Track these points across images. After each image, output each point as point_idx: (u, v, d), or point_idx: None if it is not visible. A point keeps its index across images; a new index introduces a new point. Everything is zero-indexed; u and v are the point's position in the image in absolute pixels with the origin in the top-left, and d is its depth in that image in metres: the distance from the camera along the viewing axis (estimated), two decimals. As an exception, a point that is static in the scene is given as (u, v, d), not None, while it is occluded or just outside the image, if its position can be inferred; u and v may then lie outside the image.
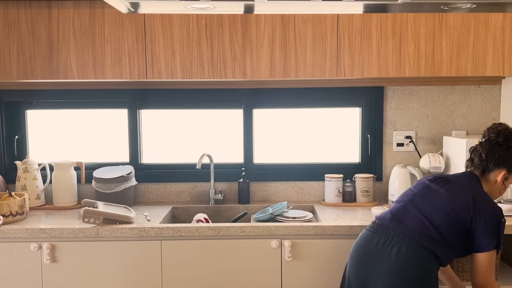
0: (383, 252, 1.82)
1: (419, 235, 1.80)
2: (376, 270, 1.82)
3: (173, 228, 2.22)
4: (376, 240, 1.86)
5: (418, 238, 1.80)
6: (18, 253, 2.23)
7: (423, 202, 1.86)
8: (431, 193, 1.87)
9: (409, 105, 2.77)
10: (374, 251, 1.84)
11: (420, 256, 1.79)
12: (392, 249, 1.80)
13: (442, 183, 1.89)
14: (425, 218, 1.82)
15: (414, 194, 1.92)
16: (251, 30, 2.39)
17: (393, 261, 1.79)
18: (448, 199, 1.83)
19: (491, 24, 2.38)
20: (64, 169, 2.66)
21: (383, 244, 1.83)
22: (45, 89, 2.77)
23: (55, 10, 2.40)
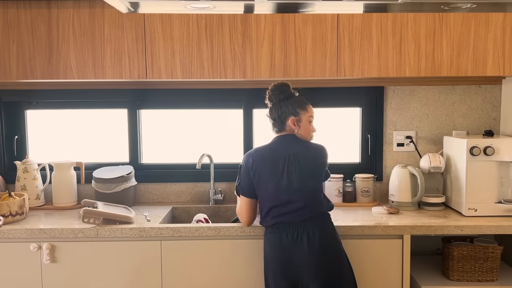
0: (298, 248, 2.02)
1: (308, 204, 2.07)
2: (309, 266, 2.01)
3: (173, 228, 2.21)
4: (287, 241, 2.04)
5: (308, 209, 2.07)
6: (17, 253, 2.23)
7: (300, 189, 2.09)
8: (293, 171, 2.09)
9: (410, 105, 2.76)
10: (295, 252, 2.03)
11: (318, 217, 2.09)
12: (301, 242, 2.02)
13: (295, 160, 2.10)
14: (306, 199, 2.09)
15: (286, 184, 2.09)
16: (251, 30, 2.38)
17: (312, 249, 2.00)
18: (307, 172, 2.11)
19: (492, 24, 2.37)
20: (64, 169, 2.66)
21: (296, 240, 2.03)
22: (45, 89, 2.77)
23: (55, 10, 2.39)
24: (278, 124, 2.16)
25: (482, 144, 2.35)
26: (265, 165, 2.09)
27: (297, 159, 2.07)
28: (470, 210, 2.37)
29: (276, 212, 2.04)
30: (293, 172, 2.05)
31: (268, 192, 2.07)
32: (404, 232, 2.22)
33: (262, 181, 2.08)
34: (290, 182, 2.04)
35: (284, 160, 2.07)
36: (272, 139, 2.18)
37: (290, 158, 2.07)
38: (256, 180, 2.09)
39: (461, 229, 2.24)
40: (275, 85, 2.20)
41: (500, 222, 2.26)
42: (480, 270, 2.31)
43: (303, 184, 2.05)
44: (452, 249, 2.32)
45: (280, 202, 2.04)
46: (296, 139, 2.15)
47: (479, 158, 2.35)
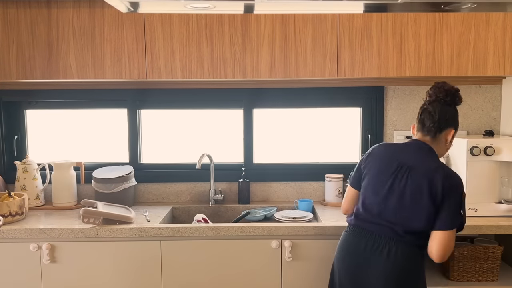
0: (374, 256, 1.82)
1: (402, 234, 1.81)
2: (370, 275, 1.83)
3: (173, 228, 2.21)
4: (363, 244, 1.86)
5: (401, 238, 1.81)
6: (17, 254, 2.23)
7: (396, 200, 1.83)
8: (400, 187, 1.83)
9: (410, 105, 2.76)
10: (365, 256, 1.85)
11: (409, 253, 1.80)
12: (381, 252, 1.81)
13: (406, 173, 1.84)
14: (402, 217, 1.82)
15: (385, 191, 1.86)
16: (251, 29, 2.38)
17: (384, 264, 1.80)
18: (415, 189, 1.80)
19: (492, 23, 2.37)
20: (64, 169, 2.65)
21: (372, 247, 1.83)
22: (45, 89, 2.77)
23: (55, 9, 2.39)
24: (434, 129, 1.89)
25: (483, 144, 2.34)
26: (376, 163, 1.92)
27: (411, 173, 1.82)
28: (470, 210, 2.36)
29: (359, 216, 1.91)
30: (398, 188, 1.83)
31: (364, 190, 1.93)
32: (404, 232, 2.21)
33: (367, 178, 1.93)
34: (390, 198, 1.84)
35: (396, 168, 1.85)
36: (409, 140, 1.96)
37: (403, 169, 1.84)
38: (363, 173, 1.97)
39: (462, 229, 2.23)
40: (448, 84, 1.92)
41: (501, 222, 2.26)
42: (481, 270, 2.30)
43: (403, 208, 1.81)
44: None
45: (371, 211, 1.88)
46: (432, 153, 1.88)
47: (479, 158, 2.34)
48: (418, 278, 1.84)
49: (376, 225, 1.85)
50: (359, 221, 1.91)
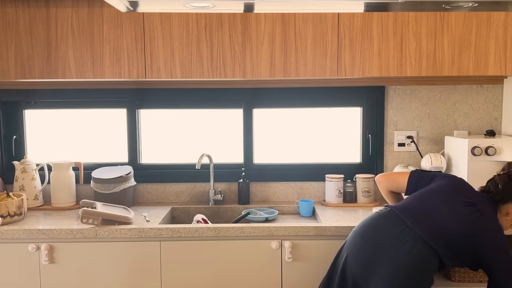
0: (396, 244, 1.80)
1: (436, 241, 1.79)
2: (382, 258, 1.81)
3: (172, 229, 2.20)
4: (389, 228, 1.84)
5: (433, 243, 1.79)
6: (16, 254, 2.22)
7: (449, 215, 1.82)
8: (460, 213, 1.82)
9: (411, 104, 2.75)
10: (386, 240, 1.82)
11: (429, 260, 1.78)
12: (405, 244, 1.79)
13: (475, 211, 1.82)
14: (447, 230, 1.80)
15: (442, 201, 1.86)
16: (251, 29, 2.37)
17: (403, 256, 1.78)
18: (475, 231, 1.79)
19: (493, 23, 2.36)
20: (63, 169, 2.64)
21: (398, 236, 1.81)
22: (43, 89, 2.75)
23: (53, 9, 2.38)
24: (496, 197, 1.88)
25: (484, 144, 2.33)
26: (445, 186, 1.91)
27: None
28: (471, 210, 2.35)
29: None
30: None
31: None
32: (405, 232, 2.20)
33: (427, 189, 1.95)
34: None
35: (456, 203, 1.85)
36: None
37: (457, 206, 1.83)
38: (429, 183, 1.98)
39: (463, 230, 2.22)
40: None
41: (502, 222, 2.25)
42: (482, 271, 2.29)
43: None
44: (453, 249, 2.30)
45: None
46: (492, 214, 1.85)
47: (480, 158, 2.33)
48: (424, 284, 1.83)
49: (412, 223, 1.83)
50: (398, 210, 1.89)
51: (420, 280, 1.80)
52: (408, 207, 1.89)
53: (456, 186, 1.92)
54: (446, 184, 1.92)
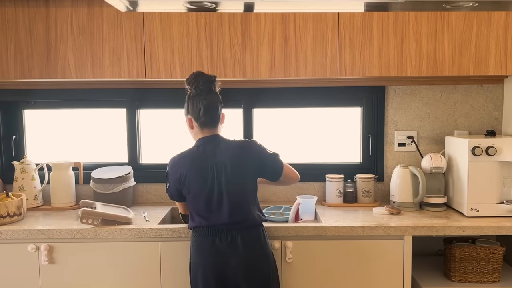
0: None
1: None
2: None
3: (172, 229, 2.20)
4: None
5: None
6: (15, 255, 2.21)
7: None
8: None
9: (411, 104, 2.74)
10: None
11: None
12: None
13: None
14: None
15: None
16: (251, 29, 2.36)
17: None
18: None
19: (494, 22, 2.35)
20: (62, 170, 2.64)
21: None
22: (43, 89, 2.75)
23: (53, 8, 2.37)
24: (214, 120, 2.11)
25: (484, 144, 2.33)
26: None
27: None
28: (472, 210, 2.35)
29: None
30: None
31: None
32: (406, 233, 2.20)
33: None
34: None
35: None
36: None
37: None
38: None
39: (463, 230, 2.22)
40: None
41: (502, 222, 2.24)
42: (482, 271, 2.29)
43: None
44: (453, 250, 2.30)
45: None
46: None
47: (481, 158, 2.33)
48: None
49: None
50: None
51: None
52: None
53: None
54: None
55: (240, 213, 2.00)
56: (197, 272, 2.00)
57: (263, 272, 2.01)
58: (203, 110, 2.05)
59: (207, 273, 1.97)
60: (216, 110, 2.07)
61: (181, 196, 2.09)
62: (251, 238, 2.00)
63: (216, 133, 2.11)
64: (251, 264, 1.98)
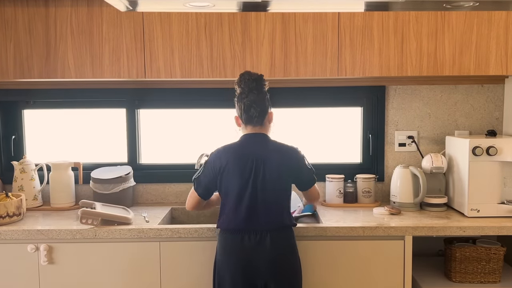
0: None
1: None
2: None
3: (172, 229, 2.19)
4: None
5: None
6: (15, 255, 2.21)
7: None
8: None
9: (411, 104, 2.74)
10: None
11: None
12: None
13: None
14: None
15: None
16: (251, 28, 2.36)
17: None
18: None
19: (494, 22, 2.35)
20: (62, 170, 2.63)
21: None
22: (42, 88, 2.74)
23: (52, 8, 2.37)
24: (261, 117, 2.11)
25: (485, 144, 2.32)
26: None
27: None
28: (472, 211, 2.34)
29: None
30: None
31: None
32: (406, 233, 2.20)
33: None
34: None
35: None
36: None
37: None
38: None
39: (464, 230, 2.22)
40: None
41: (503, 223, 2.24)
42: (483, 271, 2.28)
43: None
44: (454, 250, 2.30)
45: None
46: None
47: (481, 158, 2.32)
48: None
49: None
50: None
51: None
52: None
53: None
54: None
55: (272, 213, 2.01)
56: (223, 270, 2.00)
57: (290, 272, 2.02)
58: (244, 108, 2.07)
59: (234, 270, 1.97)
60: (258, 108, 2.06)
61: (208, 190, 2.12)
62: (279, 239, 2.00)
63: (262, 132, 2.11)
64: (277, 264, 1.98)
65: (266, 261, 1.97)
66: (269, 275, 1.97)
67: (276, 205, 2.03)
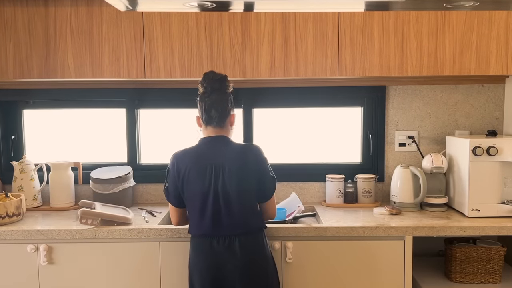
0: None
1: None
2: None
3: (171, 230, 2.19)
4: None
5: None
6: (14, 255, 2.20)
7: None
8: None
9: (412, 104, 2.73)
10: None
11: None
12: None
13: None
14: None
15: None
16: (251, 28, 2.35)
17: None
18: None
19: (495, 22, 2.34)
20: (61, 170, 2.63)
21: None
22: (42, 88, 2.74)
23: (52, 8, 2.36)
24: (220, 120, 2.03)
25: (485, 144, 2.32)
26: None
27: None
28: (473, 211, 2.34)
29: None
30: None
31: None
32: (406, 233, 2.19)
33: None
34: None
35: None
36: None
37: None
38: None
39: (464, 230, 2.21)
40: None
41: (504, 223, 2.23)
42: (483, 271, 2.28)
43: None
44: (454, 250, 2.29)
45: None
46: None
47: (482, 158, 2.32)
48: None
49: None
50: None
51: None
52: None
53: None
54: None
55: (236, 218, 1.95)
56: (194, 274, 1.98)
57: (260, 276, 1.97)
58: (205, 108, 2.00)
59: (204, 275, 1.95)
60: (219, 109, 1.99)
61: (178, 198, 2.02)
62: (248, 242, 1.95)
63: (223, 134, 2.03)
64: (248, 267, 1.94)
65: (236, 266, 1.92)
66: (239, 280, 1.92)
67: (240, 209, 1.95)
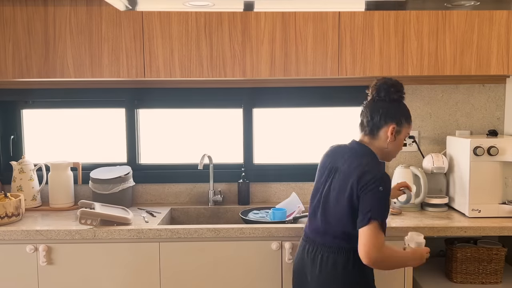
0: (311, 260, 1.88)
1: (331, 240, 1.83)
2: (308, 279, 1.89)
3: (171, 230, 2.18)
4: (302, 248, 1.94)
5: (331, 244, 1.82)
6: (13, 255, 2.20)
7: (323, 203, 1.86)
8: (327, 191, 1.86)
9: (412, 104, 2.73)
10: (306, 260, 1.90)
11: (340, 258, 1.81)
12: (315, 256, 1.86)
13: (332, 175, 1.87)
14: (328, 222, 1.84)
15: (319, 195, 1.90)
16: (251, 28, 2.35)
17: (318, 269, 1.83)
18: (338, 192, 1.81)
19: (495, 21, 2.34)
20: (61, 170, 2.62)
21: (310, 252, 1.89)
22: (41, 88, 2.73)
23: (51, 7, 2.36)
24: (369, 127, 1.88)
25: (486, 144, 2.31)
26: (319, 166, 2.00)
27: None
28: (473, 211, 2.33)
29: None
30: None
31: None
32: (407, 233, 2.18)
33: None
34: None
35: (328, 174, 1.90)
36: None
37: (331, 173, 1.88)
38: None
39: (465, 231, 2.20)
40: (384, 79, 1.94)
41: (504, 223, 2.23)
42: (484, 272, 2.27)
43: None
44: (455, 251, 2.29)
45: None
46: (364, 153, 1.86)
47: (482, 158, 2.31)
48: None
49: (311, 234, 1.92)
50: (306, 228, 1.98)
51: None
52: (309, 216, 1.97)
53: (320, 170, 1.97)
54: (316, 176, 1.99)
55: (328, 228, 1.83)
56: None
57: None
58: (360, 114, 1.92)
59: (294, 274, 1.98)
60: (366, 118, 1.88)
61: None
62: (331, 260, 1.81)
63: (363, 142, 1.89)
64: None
65: (312, 281, 1.86)
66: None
67: (334, 221, 1.82)
